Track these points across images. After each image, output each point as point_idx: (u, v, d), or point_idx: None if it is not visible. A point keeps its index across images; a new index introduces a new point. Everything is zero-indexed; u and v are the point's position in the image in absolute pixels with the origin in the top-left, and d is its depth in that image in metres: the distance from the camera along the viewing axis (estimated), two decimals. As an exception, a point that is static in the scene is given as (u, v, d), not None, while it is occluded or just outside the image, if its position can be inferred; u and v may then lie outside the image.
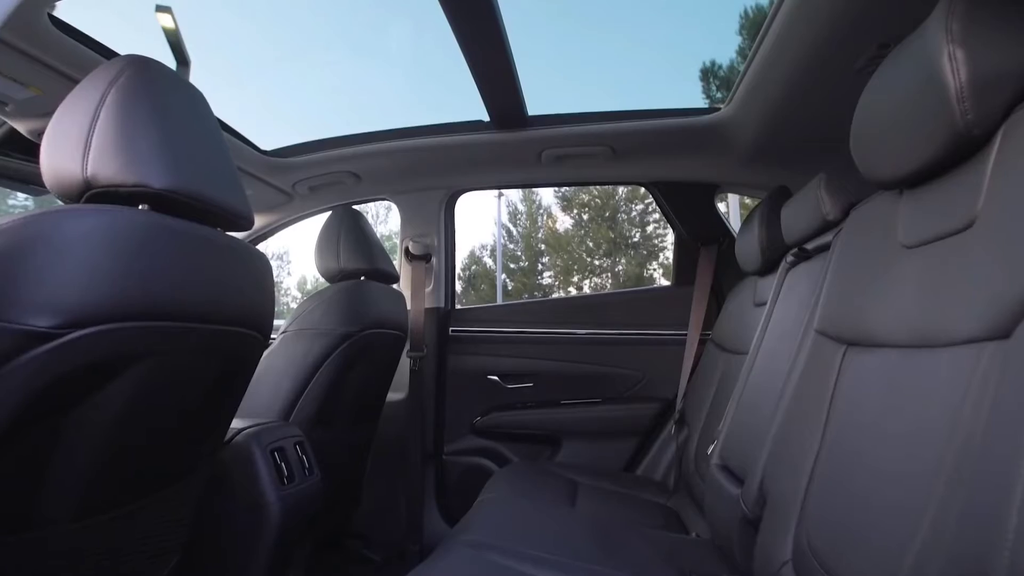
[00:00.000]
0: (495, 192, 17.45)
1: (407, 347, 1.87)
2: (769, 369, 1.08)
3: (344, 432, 1.59)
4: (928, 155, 0.62)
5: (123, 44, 0.82)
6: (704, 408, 1.51)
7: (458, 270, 2.20)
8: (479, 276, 18.87)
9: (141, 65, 0.77)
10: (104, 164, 0.71)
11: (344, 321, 1.46)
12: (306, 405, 1.42)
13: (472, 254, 18.99)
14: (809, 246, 1.12)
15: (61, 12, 1.02)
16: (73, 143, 0.72)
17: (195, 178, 0.78)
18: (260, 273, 0.94)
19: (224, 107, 1.42)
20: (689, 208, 1.95)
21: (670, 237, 2.15)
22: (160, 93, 0.78)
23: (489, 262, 18.91)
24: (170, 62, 1.32)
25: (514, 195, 18.41)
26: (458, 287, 2.20)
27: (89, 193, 0.73)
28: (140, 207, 0.74)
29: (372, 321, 1.53)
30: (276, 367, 1.44)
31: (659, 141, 1.69)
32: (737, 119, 1.49)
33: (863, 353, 0.73)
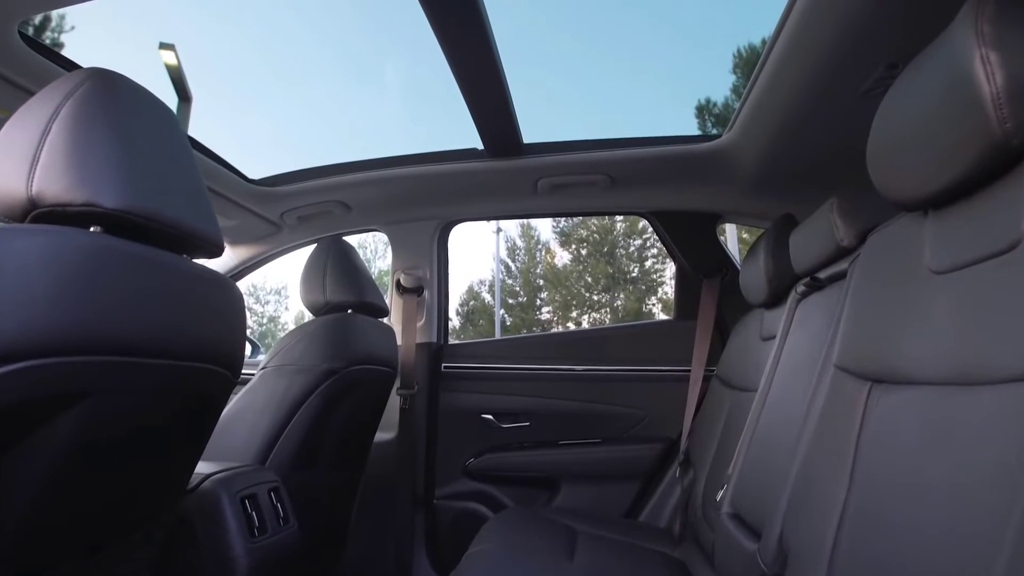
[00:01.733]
0: (493, 227, 17.58)
1: (397, 384, 1.78)
2: (782, 408, 1.00)
3: (327, 475, 1.49)
4: (959, 170, 0.56)
5: (111, 65, 0.76)
6: (711, 449, 1.42)
7: (456, 306, 2.14)
8: (477, 311, 18.78)
9: (103, 78, 0.72)
10: (52, 181, 0.65)
11: (328, 356, 1.38)
12: (286, 446, 1.33)
13: (471, 289, 18.98)
14: (822, 275, 1.05)
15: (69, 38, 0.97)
16: (19, 158, 0.66)
17: (155, 198, 0.71)
18: (229, 304, 0.87)
19: (211, 134, 1.37)
20: (690, 239, 1.89)
21: (668, 272, 2.09)
22: (122, 108, 0.72)
23: (487, 297, 18.87)
24: (170, 98, 1.28)
25: (513, 231, 18.52)
26: (456, 323, 2.13)
27: (34, 213, 0.67)
28: (92, 229, 0.68)
29: (359, 356, 1.45)
30: (254, 405, 1.35)
31: (658, 169, 1.64)
32: (738, 146, 1.45)
33: (892, 391, 0.66)
